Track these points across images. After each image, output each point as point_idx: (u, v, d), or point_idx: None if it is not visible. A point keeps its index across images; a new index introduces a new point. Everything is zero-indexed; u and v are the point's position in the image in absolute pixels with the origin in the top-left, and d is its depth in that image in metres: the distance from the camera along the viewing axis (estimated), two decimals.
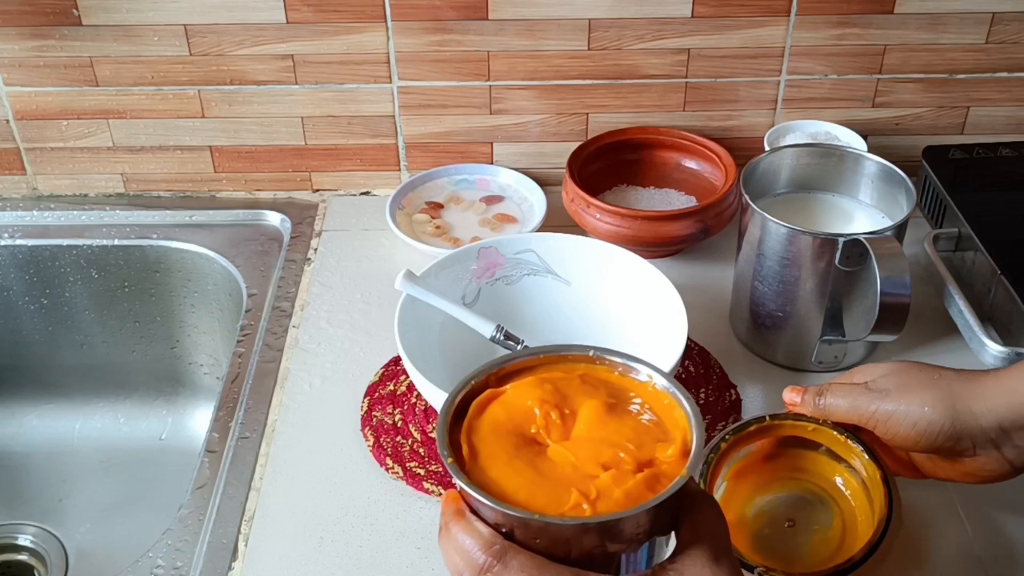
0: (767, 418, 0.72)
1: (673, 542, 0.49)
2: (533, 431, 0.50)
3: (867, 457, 0.70)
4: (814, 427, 0.71)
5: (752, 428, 0.72)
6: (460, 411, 0.51)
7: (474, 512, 0.48)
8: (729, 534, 0.49)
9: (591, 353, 0.54)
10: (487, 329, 0.82)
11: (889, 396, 0.66)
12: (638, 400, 0.52)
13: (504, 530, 0.47)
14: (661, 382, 0.52)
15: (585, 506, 0.46)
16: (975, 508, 0.75)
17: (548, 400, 0.51)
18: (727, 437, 0.71)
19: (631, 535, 0.47)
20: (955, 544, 0.73)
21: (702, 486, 0.68)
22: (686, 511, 0.49)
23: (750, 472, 0.73)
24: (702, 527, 0.48)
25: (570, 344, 0.55)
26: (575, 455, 0.49)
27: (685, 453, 0.48)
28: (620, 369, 0.54)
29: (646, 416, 0.51)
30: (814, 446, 0.72)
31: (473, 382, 0.52)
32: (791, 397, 0.71)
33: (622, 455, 0.48)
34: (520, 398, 0.51)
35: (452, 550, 0.48)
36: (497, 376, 0.53)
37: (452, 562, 0.48)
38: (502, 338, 0.81)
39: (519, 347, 0.74)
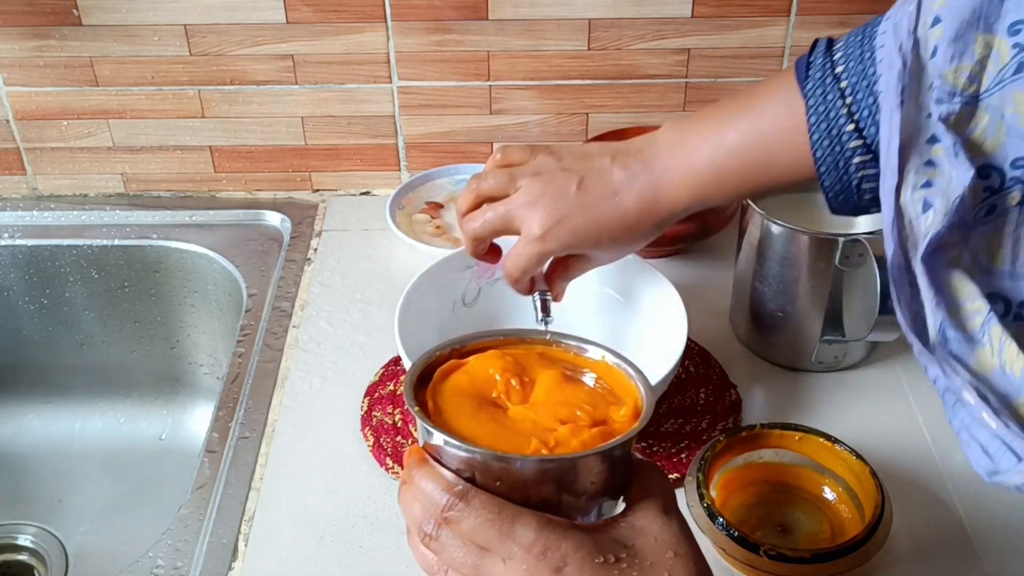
0: (757, 426, 0.73)
1: (622, 506, 0.51)
2: (494, 395, 0.53)
3: (854, 457, 0.71)
4: (800, 436, 0.73)
5: (742, 435, 0.73)
6: (425, 378, 0.54)
7: (438, 461, 0.50)
8: (675, 496, 0.52)
9: (547, 337, 0.57)
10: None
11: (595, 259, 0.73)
12: (592, 374, 0.55)
13: (466, 475, 0.48)
14: (612, 359, 0.55)
15: (544, 452, 0.49)
16: (968, 495, 0.76)
17: (508, 369, 0.54)
18: (718, 443, 0.72)
19: (585, 486, 0.49)
20: (948, 531, 0.73)
21: (696, 493, 0.69)
22: (634, 477, 0.51)
23: (740, 480, 0.74)
24: (650, 486, 0.51)
25: (528, 328, 0.59)
26: (534, 414, 0.52)
27: (636, 415, 0.52)
28: (575, 350, 0.57)
29: (600, 385, 0.55)
30: (800, 459, 0.74)
31: (438, 353, 0.55)
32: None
33: (578, 413, 0.52)
34: (482, 367, 0.54)
35: (412, 498, 0.49)
36: (460, 352, 0.56)
37: (411, 512, 0.49)
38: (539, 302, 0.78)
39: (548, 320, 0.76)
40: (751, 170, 0.65)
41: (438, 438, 0.49)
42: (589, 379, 0.55)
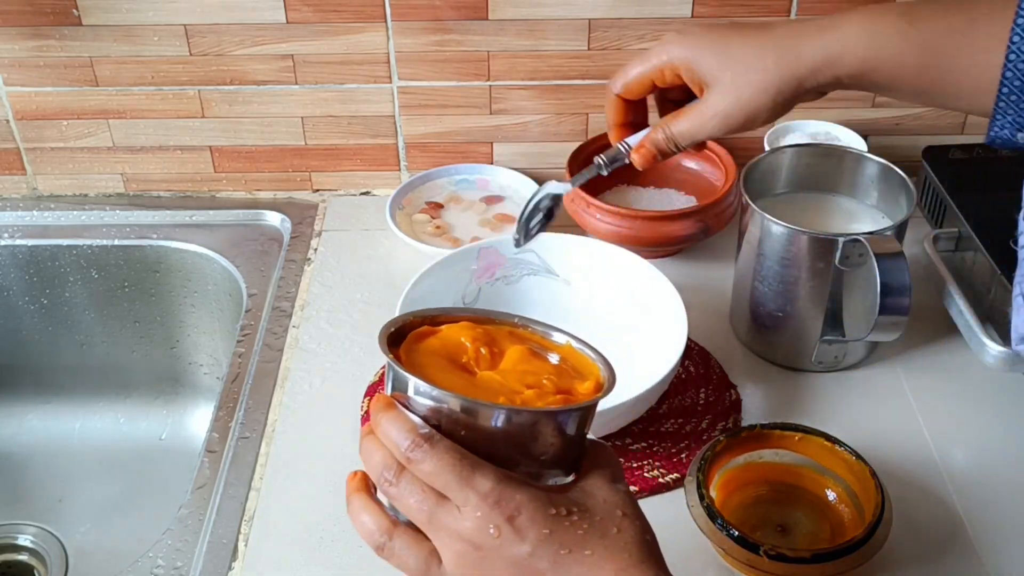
0: (757, 427, 0.73)
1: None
2: (464, 360, 0.55)
3: (854, 458, 0.71)
4: (800, 436, 0.73)
5: (743, 435, 0.73)
6: (397, 339, 0.55)
7: (404, 407, 0.51)
8: (623, 471, 0.54)
9: (515, 320, 0.59)
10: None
11: (729, 111, 0.64)
12: (557, 355, 0.58)
13: (433, 423, 0.50)
14: (577, 344, 0.58)
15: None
16: (968, 495, 0.76)
17: (479, 339, 0.56)
18: (718, 443, 0.72)
19: (544, 448, 0.51)
20: (948, 531, 0.73)
21: (696, 493, 0.70)
22: (586, 455, 0.54)
23: (740, 480, 0.74)
24: (600, 461, 0.53)
25: (498, 311, 0.60)
26: (502, 378, 0.54)
27: (599, 388, 0.54)
28: (541, 334, 0.59)
29: (565, 364, 0.57)
30: (801, 460, 0.74)
31: (411, 318, 0.57)
32: (641, 159, 0.69)
33: (544, 381, 0.54)
34: (453, 335, 0.56)
35: (374, 447, 0.51)
36: (432, 321, 0.57)
37: (372, 460, 0.51)
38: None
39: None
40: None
41: (410, 383, 0.50)
42: (554, 358, 0.57)
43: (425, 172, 1.09)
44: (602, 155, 0.70)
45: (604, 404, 0.58)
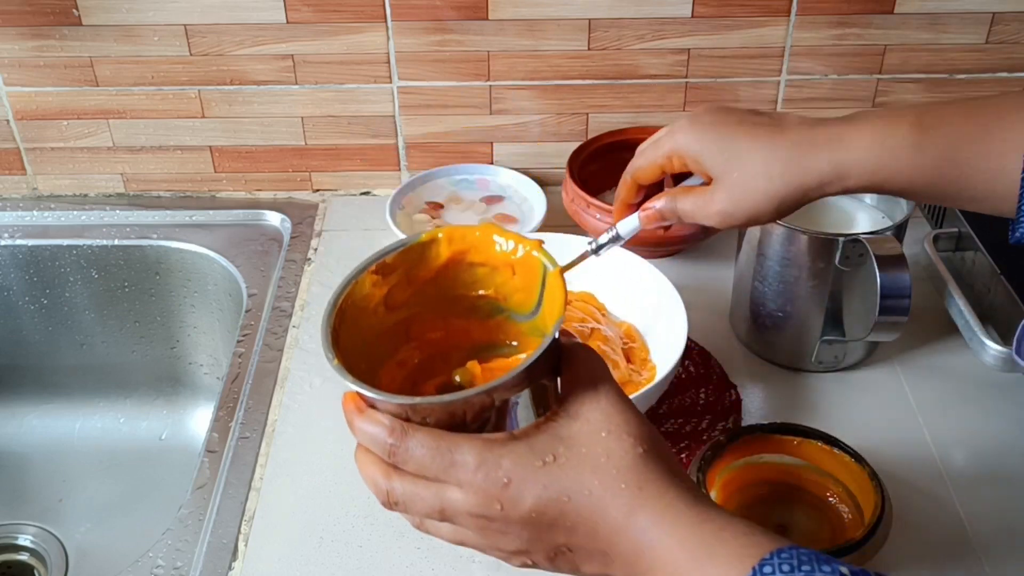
0: (756, 430, 0.73)
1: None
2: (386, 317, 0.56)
3: (853, 460, 0.71)
4: (799, 440, 0.73)
5: (742, 438, 0.73)
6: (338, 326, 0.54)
7: (371, 407, 0.50)
8: (606, 367, 0.52)
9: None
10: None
11: (733, 210, 0.63)
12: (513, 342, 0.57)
13: (401, 416, 0.49)
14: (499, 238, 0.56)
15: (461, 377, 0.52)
16: (968, 495, 0.76)
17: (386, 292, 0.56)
18: (718, 443, 0.72)
19: (513, 400, 0.50)
20: (948, 531, 0.73)
21: None
22: (564, 362, 0.52)
23: (740, 480, 0.74)
24: (578, 369, 0.52)
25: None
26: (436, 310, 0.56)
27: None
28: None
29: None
30: (801, 461, 0.74)
31: (353, 282, 0.55)
32: (647, 218, 0.68)
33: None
34: (364, 297, 0.56)
35: (367, 459, 0.51)
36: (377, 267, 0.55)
37: (367, 473, 0.51)
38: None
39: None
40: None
41: (364, 396, 0.50)
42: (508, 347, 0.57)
43: (425, 172, 1.08)
44: (592, 240, 0.70)
45: None
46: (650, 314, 0.85)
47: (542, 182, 1.07)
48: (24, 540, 1.05)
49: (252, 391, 0.87)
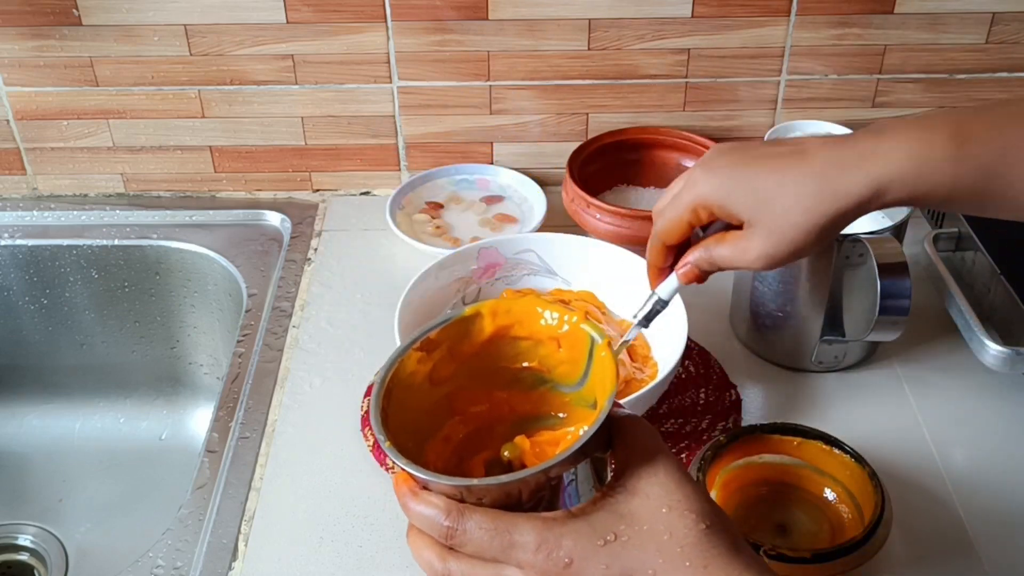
0: (756, 430, 0.73)
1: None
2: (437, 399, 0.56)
3: (853, 461, 0.71)
4: (799, 441, 0.73)
5: (741, 439, 0.73)
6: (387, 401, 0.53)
7: (424, 487, 0.50)
8: (660, 438, 0.51)
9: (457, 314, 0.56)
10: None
11: (774, 252, 0.60)
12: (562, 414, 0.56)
13: (456, 497, 0.49)
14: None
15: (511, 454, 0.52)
16: (968, 495, 0.76)
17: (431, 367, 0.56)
18: (718, 443, 0.72)
19: (568, 478, 0.49)
20: (948, 531, 0.73)
21: None
22: (617, 435, 0.51)
23: (740, 480, 0.74)
24: (632, 441, 0.50)
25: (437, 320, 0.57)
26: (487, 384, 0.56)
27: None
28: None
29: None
30: (800, 461, 0.74)
31: (399, 360, 0.54)
32: (685, 275, 0.66)
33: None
34: (410, 380, 0.55)
35: (421, 543, 0.50)
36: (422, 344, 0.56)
37: (423, 558, 0.50)
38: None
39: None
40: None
41: (417, 478, 0.49)
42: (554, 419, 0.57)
43: (425, 172, 1.09)
44: (638, 312, 0.68)
45: None
46: None
47: (542, 182, 1.07)
48: (24, 540, 1.05)
49: (252, 391, 0.87)
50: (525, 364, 0.57)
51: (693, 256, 0.64)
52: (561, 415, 0.57)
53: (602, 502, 0.49)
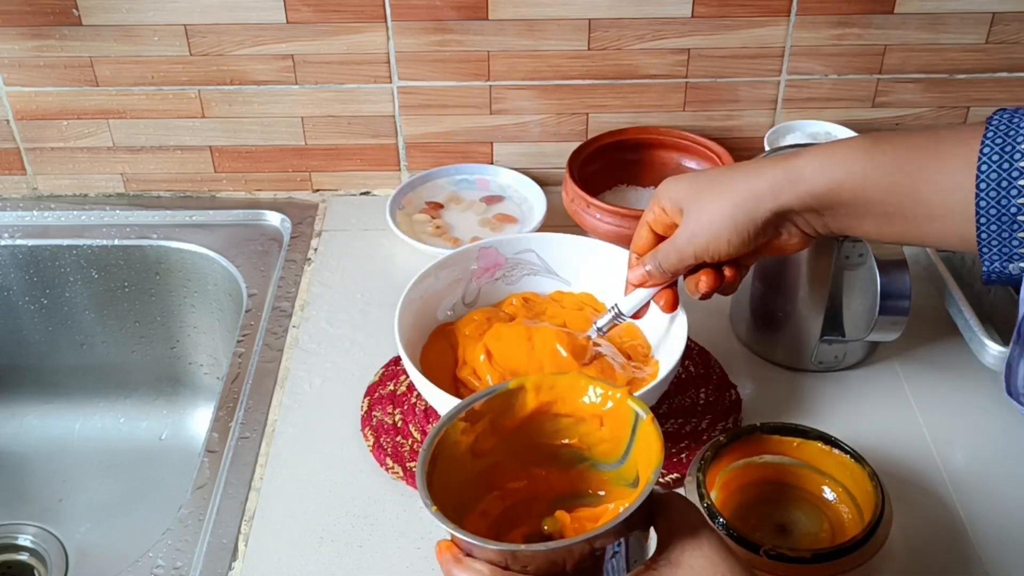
0: (756, 431, 0.73)
1: (653, 536, 0.52)
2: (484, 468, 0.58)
3: (853, 461, 0.71)
4: (799, 442, 0.73)
5: (741, 439, 0.73)
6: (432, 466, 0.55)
7: (468, 554, 0.50)
8: (702, 514, 0.52)
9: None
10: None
11: (694, 228, 0.68)
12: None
13: (501, 564, 0.49)
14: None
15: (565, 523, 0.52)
16: (968, 495, 0.76)
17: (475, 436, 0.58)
18: (718, 443, 0.72)
19: (613, 549, 0.50)
20: (948, 531, 0.73)
21: (696, 493, 0.70)
22: (659, 511, 0.52)
23: (740, 480, 0.74)
24: (674, 516, 0.51)
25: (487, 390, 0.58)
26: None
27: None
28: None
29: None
30: (800, 462, 0.74)
31: (444, 428, 0.56)
32: (634, 276, 0.74)
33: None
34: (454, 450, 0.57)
35: None
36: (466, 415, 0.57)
37: None
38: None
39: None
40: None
41: (463, 544, 0.50)
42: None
43: (425, 172, 1.09)
44: (596, 322, 0.78)
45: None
46: (650, 314, 0.85)
47: (542, 182, 1.07)
48: (24, 540, 1.05)
49: (252, 391, 0.87)
50: (565, 441, 0.58)
51: (644, 257, 0.73)
52: (600, 493, 0.58)
53: (646, 574, 0.49)
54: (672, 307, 0.75)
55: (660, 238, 0.72)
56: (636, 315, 0.76)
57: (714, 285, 0.70)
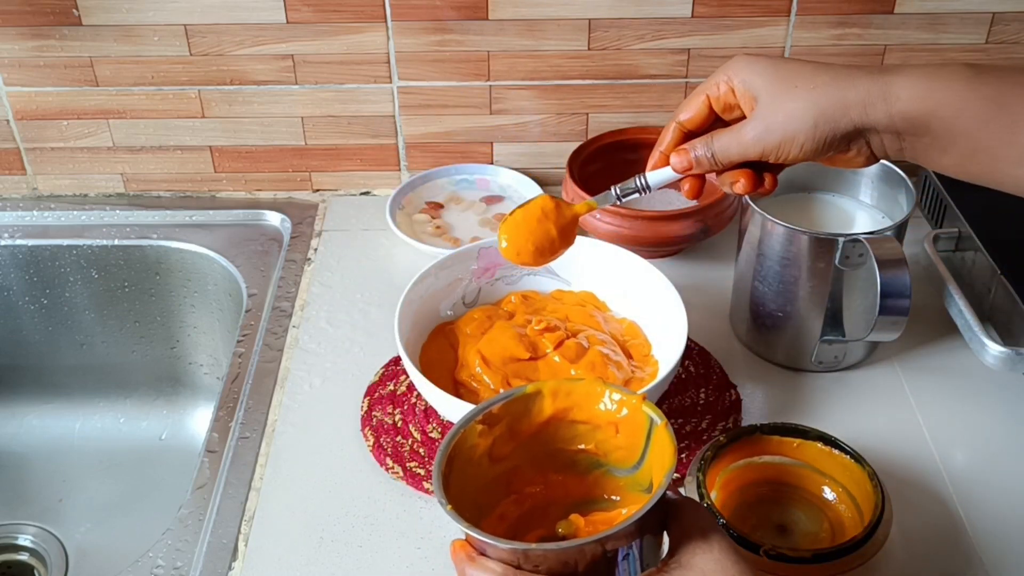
0: (756, 431, 0.73)
1: (665, 540, 0.52)
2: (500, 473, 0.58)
3: (852, 461, 0.71)
4: (799, 442, 0.73)
5: (741, 440, 0.73)
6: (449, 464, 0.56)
7: (482, 553, 0.51)
8: (714, 519, 0.52)
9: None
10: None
11: (769, 124, 0.60)
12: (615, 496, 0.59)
13: (513, 563, 0.50)
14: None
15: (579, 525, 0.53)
16: (968, 495, 0.76)
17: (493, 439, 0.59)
18: (718, 443, 0.72)
19: (625, 550, 0.50)
20: (948, 531, 0.73)
21: (696, 493, 0.70)
22: (671, 516, 0.52)
23: (740, 480, 0.74)
24: (687, 522, 0.51)
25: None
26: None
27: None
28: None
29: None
30: (800, 462, 0.74)
31: (462, 430, 0.56)
32: (679, 161, 0.64)
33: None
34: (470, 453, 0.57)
35: None
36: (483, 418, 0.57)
37: None
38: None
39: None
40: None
41: (476, 542, 0.51)
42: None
43: (425, 172, 1.09)
44: (617, 186, 0.66)
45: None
46: (650, 314, 0.85)
47: (542, 182, 1.07)
48: (24, 540, 1.05)
49: (252, 391, 0.87)
50: (582, 447, 0.58)
51: (692, 148, 0.63)
52: (615, 498, 0.58)
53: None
54: (696, 194, 0.65)
55: (713, 116, 0.64)
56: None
57: (751, 189, 0.63)
